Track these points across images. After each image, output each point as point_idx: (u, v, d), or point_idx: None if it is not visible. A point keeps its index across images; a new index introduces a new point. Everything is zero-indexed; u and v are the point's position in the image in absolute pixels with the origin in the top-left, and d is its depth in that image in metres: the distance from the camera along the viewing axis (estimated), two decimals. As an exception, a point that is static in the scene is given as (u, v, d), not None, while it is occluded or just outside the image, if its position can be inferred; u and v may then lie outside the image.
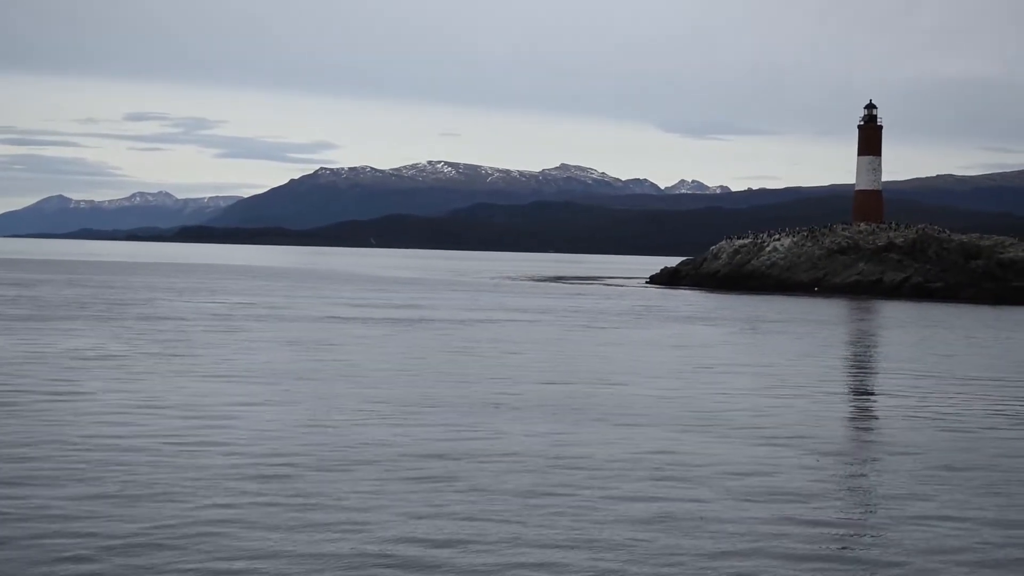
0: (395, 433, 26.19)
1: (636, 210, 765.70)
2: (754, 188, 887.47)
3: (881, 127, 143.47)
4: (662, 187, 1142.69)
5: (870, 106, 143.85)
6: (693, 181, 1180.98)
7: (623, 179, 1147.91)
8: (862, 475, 23.30)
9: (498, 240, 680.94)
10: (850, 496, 21.26)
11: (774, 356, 49.23)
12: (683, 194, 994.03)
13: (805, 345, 55.43)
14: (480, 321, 65.59)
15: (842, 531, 18.61)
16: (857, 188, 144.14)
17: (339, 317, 65.60)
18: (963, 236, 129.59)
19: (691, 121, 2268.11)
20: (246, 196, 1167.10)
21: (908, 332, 67.05)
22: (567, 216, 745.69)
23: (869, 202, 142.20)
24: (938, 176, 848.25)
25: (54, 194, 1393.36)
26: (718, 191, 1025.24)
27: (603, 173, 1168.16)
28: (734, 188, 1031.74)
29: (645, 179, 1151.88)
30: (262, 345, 46.94)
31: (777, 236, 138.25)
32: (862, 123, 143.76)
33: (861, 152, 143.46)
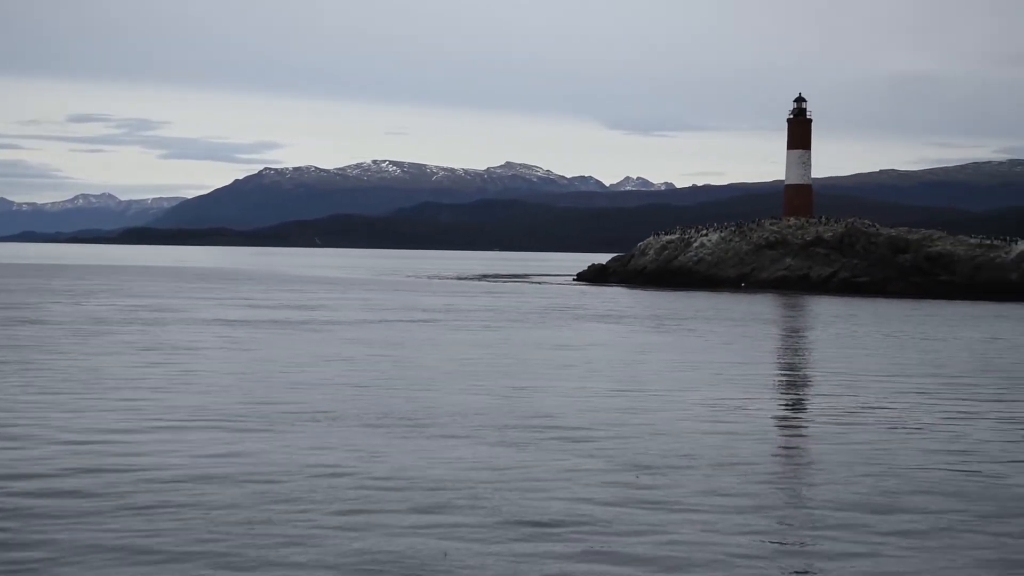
0: (139, 450, 23.40)
1: (581, 208, 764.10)
2: (699, 184, 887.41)
3: (811, 120, 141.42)
4: (607, 184, 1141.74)
5: (799, 99, 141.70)
6: (638, 178, 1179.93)
7: (568, 177, 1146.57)
8: (667, 493, 20.59)
9: (444, 238, 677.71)
10: (639, 516, 18.57)
11: (658, 356, 46.79)
12: (628, 191, 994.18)
13: (699, 344, 53.01)
14: (371, 322, 62.86)
15: (627, 569, 15.98)
16: (787, 182, 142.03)
17: (224, 320, 62.77)
18: (891, 230, 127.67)
19: (636, 118, 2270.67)
20: (190, 197, 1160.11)
21: (821, 329, 64.81)
22: (512, 214, 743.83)
23: (799, 196, 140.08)
24: (881, 171, 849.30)
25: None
26: (663, 188, 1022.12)
27: (548, 171, 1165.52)
28: (679, 185, 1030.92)
29: (590, 176, 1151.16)
30: (112, 350, 44.10)
31: (704, 232, 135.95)
32: (791, 116, 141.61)
33: (791, 146, 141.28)
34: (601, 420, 28.76)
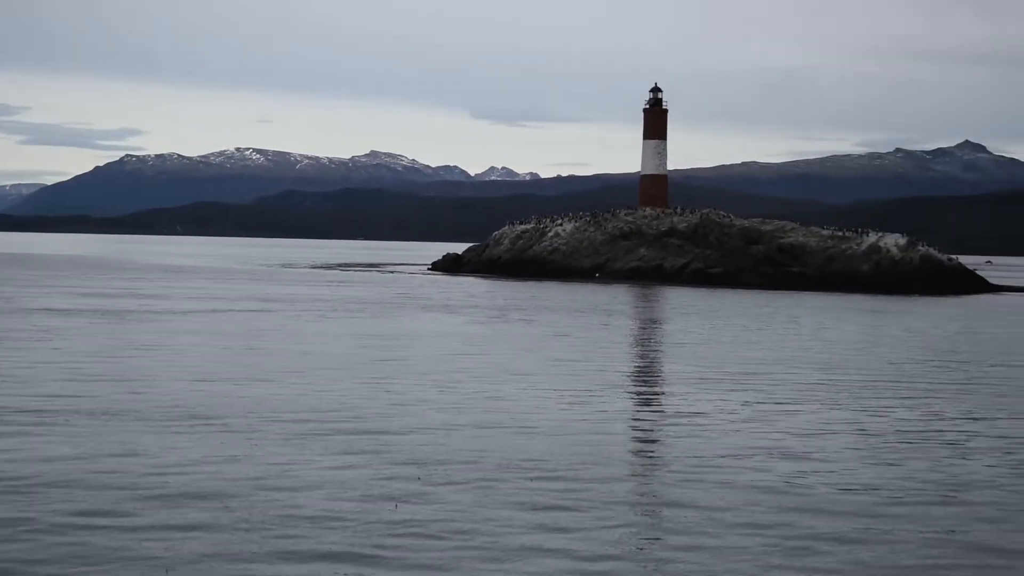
0: None
1: (447, 197, 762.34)
2: (564, 175, 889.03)
3: (667, 110, 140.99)
4: (472, 174, 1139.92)
5: (655, 89, 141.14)
6: (503, 168, 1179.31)
7: (433, 166, 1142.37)
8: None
9: (308, 227, 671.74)
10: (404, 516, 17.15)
11: (483, 347, 45.47)
12: (493, 181, 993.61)
13: (532, 334, 51.80)
14: (201, 312, 60.71)
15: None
16: (643, 173, 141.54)
17: (49, 308, 60.41)
18: (745, 221, 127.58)
19: (501, 108, 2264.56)
20: (50, 183, 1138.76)
21: (657, 321, 63.90)
22: (377, 203, 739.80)
23: (655, 187, 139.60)
24: (743, 163, 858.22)
25: None
26: (528, 178, 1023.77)
27: (413, 160, 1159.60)
28: (544, 175, 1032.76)
29: (455, 166, 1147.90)
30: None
31: (560, 221, 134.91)
32: (647, 107, 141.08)
33: (647, 136, 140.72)
34: (391, 415, 27.57)
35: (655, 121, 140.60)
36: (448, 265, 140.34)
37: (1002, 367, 43.72)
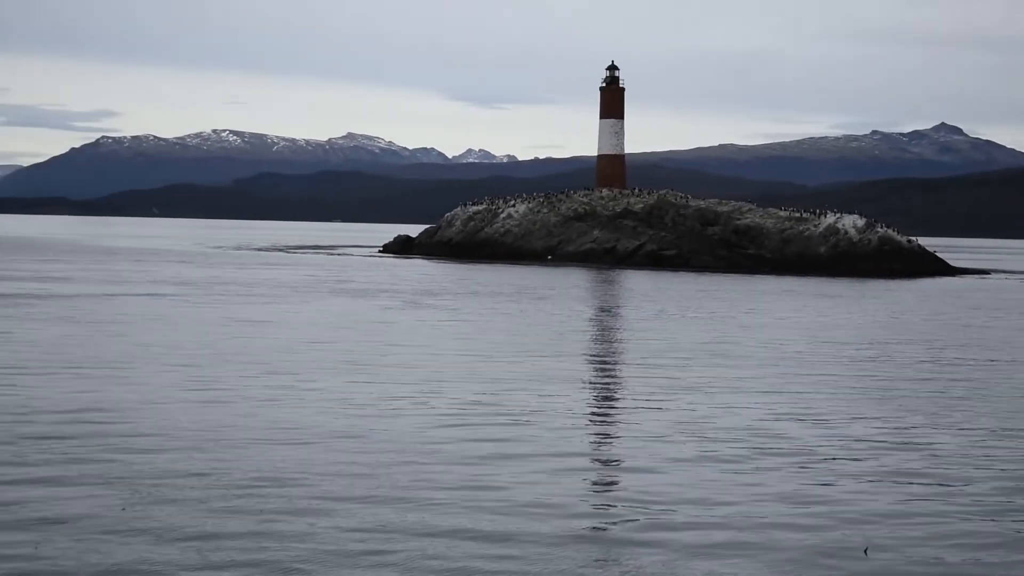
0: None
1: (424, 179, 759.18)
2: (541, 157, 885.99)
3: (623, 89, 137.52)
4: (449, 156, 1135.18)
5: (612, 67, 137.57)
6: (480, 150, 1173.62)
7: (410, 148, 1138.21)
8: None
9: (285, 210, 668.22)
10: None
11: (332, 336, 42.28)
12: (471, 163, 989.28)
13: (396, 322, 48.73)
14: (93, 296, 57.27)
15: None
16: (600, 152, 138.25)
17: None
18: (701, 202, 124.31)
19: (477, 90, 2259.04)
20: (25, 165, 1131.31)
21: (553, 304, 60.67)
22: (354, 185, 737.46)
23: (612, 167, 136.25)
24: (721, 145, 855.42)
25: None
26: (505, 160, 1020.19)
27: (390, 142, 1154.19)
28: (521, 157, 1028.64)
29: (432, 148, 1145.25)
30: None
31: (513, 203, 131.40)
32: (603, 85, 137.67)
33: (604, 115, 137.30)
34: (131, 413, 24.42)
35: (612, 100, 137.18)
36: (399, 247, 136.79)
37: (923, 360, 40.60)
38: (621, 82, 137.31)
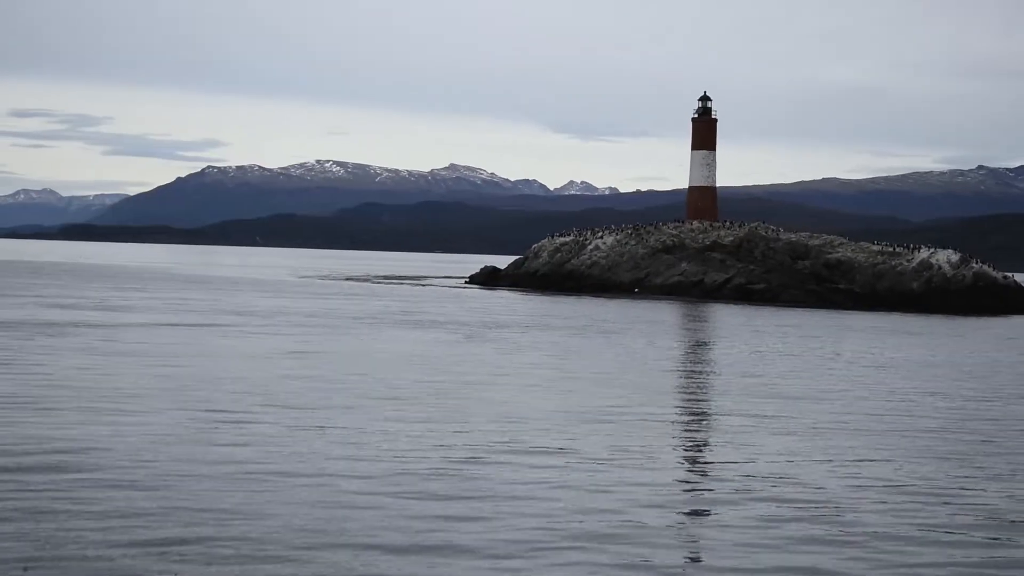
0: None
1: (525, 211, 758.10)
2: (643, 189, 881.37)
3: (716, 120, 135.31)
4: (551, 188, 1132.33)
5: (704, 98, 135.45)
6: (582, 182, 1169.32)
7: (512, 179, 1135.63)
8: None
9: (387, 240, 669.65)
10: None
11: (347, 367, 40.45)
12: (572, 195, 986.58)
13: (431, 355, 46.74)
14: (127, 326, 55.80)
15: None
16: (691, 184, 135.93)
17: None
18: (792, 235, 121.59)
19: (580, 123, 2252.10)
20: (132, 194, 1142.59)
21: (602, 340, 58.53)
22: (456, 216, 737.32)
23: (703, 199, 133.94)
24: (824, 179, 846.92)
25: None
26: (607, 192, 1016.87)
27: (492, 173, 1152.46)
28: (623, 189, 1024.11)
29: (534, 180, 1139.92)
30: None
31: (600, 234, 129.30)
32: (696, 116, 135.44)
33: (696, 147, 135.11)
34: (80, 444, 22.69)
35: (704, 131, 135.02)
36: (485, 278, 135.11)
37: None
38: (714, 113, 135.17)
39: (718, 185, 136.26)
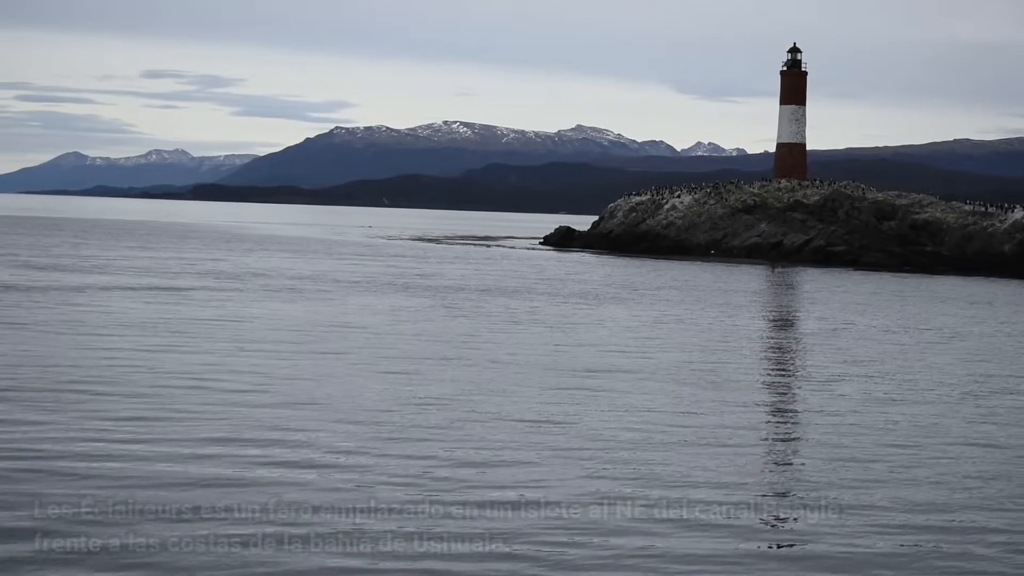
0: None
1: (652, 172, 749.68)
2: (771, 151, 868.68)
3: (806, 73, 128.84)
4: (678, 149, 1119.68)
5: (794, 50, 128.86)
6: (710, 143, 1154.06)
7: (639, 140, 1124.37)
8: None
9: (514, 200, 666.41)
10: None
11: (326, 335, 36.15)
12: (700, 156, 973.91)
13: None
14: (182, 290, 52.40)
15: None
16: (779, 141, 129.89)
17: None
18: (878, 194, 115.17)
19: (707, 83, 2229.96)
20: (262, 154, 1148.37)
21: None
22: (583, 177, 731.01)
23: (792, 155, 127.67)
24: (955, 140, 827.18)
25: (70, 151, 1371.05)
26: (734, 153, 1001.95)
27: (619, 135, 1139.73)
28: (750, 151, 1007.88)
29: (661, 141, 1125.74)
30: None
31: (679, 193, 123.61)
32: (784, 68, 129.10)
33: (784, 101, 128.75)
34: None
35: (793, 84, 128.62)
36: (559, 239, 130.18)
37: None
38: (804, 66, 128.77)
39: (845, 147, 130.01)
